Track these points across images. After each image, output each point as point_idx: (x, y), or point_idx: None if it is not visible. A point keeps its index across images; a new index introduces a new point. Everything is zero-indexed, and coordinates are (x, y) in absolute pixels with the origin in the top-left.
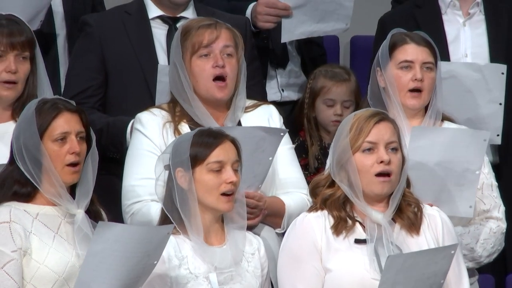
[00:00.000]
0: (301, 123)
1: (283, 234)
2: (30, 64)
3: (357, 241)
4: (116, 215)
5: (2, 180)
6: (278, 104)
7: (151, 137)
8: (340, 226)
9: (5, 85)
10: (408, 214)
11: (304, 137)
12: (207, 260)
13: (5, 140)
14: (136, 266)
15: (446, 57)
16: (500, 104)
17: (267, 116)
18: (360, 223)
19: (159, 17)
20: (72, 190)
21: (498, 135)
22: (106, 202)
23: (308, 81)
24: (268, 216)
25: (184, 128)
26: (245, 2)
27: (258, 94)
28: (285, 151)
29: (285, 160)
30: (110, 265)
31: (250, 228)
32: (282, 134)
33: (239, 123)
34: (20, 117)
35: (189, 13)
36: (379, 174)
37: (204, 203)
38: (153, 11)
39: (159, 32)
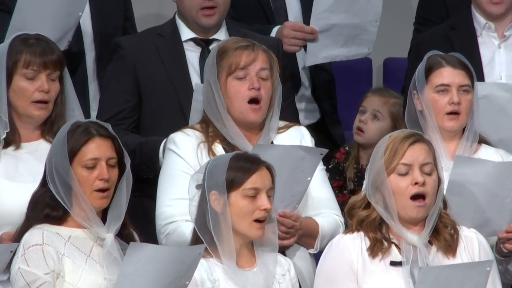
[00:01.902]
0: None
1: (316, 254)
2: (59, 83)
3: (393, 263)
4: (149, 237)
5: (34, 202)
6: None
7: (185, 157)
8: (376, 248)
9: (37, 105)
10: (444, 236)
11: (340, 159)
12: (239, 284)
13: (36, 155)
14: (168, 287)
15: (481, 79)
16: None
17: (299, 137)
18: (396, 245)
19: (192, 39)
20: (104, 213)
21: None
22: (139, 223)
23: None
24: (302, 236)
25: (218, 148)
26: (268, 25)
27: (290, 115)
28: (317, 172)
29: (317, 181)
30: (142, 286)
31: (285, 248)
32: (321, 154)
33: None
34: (54, 139)
35: (222, 35)
36: (414, 197)
37: (236, 228)
38: (186, 33)
39: (192, 54)
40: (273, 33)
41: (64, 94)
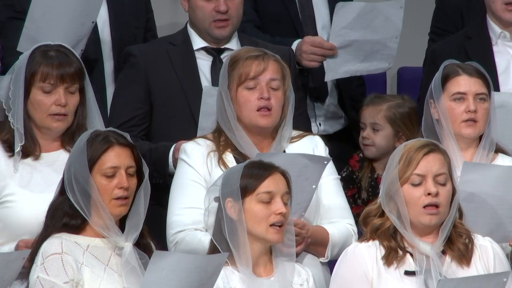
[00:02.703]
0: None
1: (328, 263)
2: (79, 94)
3: (407, 272)
4: (163, 246)
5: (52, 211)
6: None
7: (195, 166)
8: (391, 257)
9: (55, 117)
10: (458, 246)
11: (354, 167)
12: None
13: (55, 167)
14: None
15: (496, 88)
16: None
17: (312, 147)
18: (411, 254)
19: (204, 48)
20: (122, 223)
21: None
22: (154, 232)
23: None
24: (311, 244)
25: (229, 157)
26: (289, 39)
27: (302, 124)
28: (330, 181)
29: (330, 190)
30: None
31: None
32: (325, 162)
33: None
34: (73, 148)
35: (233, 44)
36: (427, 206)
37: (253, 233)
38: (198, 42)
39: (203, 63)
40: (293, 47)
41: (85, 105)
